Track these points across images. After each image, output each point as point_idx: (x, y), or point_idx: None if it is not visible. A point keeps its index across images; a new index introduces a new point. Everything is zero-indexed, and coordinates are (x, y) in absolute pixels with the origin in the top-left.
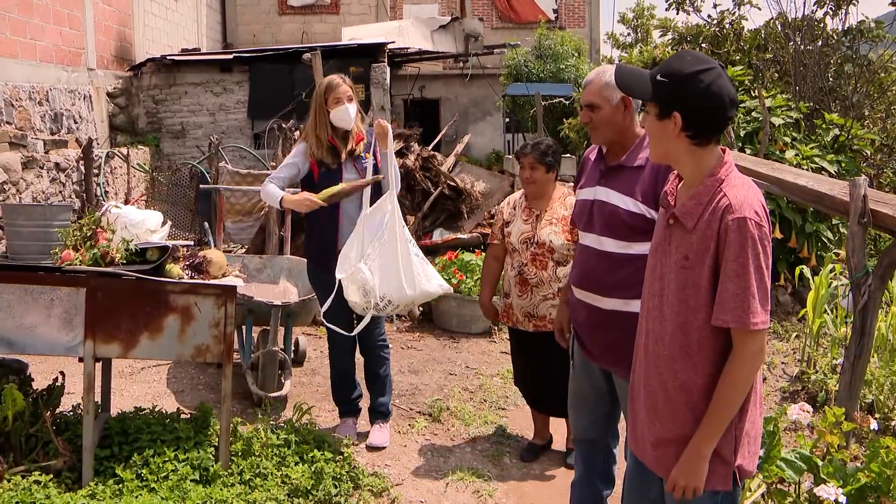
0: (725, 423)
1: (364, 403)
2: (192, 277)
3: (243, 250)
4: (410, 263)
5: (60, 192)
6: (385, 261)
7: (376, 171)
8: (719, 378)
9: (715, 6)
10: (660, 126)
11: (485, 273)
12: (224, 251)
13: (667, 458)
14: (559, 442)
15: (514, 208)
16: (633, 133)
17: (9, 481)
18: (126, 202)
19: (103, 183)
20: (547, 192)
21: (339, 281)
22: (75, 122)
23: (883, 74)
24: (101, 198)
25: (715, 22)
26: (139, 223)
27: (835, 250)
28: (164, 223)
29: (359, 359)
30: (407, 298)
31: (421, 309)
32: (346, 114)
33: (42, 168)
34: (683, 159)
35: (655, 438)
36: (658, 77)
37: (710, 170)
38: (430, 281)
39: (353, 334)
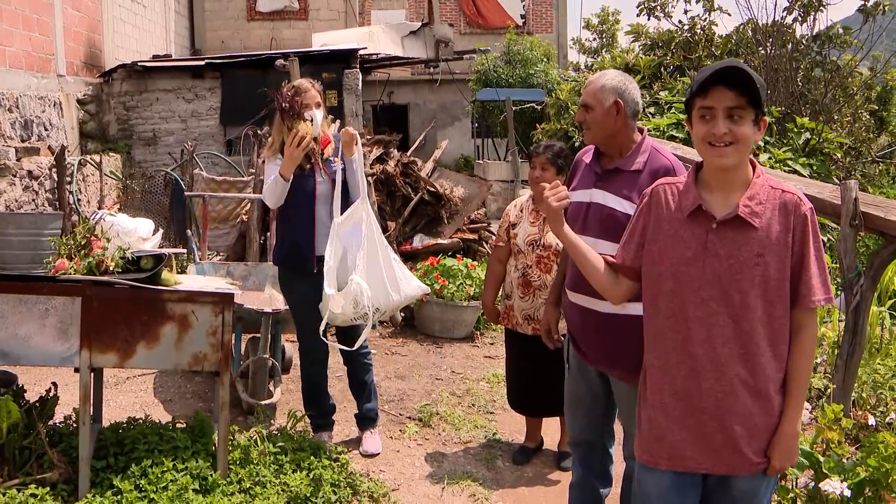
0: (805, 396)
1: (353, 411)
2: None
3: (217, 258)
4: (392, 268)
5: (34, 200)
6: (370, 269)
7: (343, 175)
8: (793, 356)
9: (685, 12)
10: (753, 131)
11: (488, 275)
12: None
13: (747, 455)
14: (550, 444)
15: (521, 210)
16: (629, 137)
17: (3, 495)
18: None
19: (76, 191)
20: None
21: (325, 294)
22: (45, 130)
23: (849, 79)
24: (74, 206)
25: (686, 28)
26: (131, 231)
27: None
28: (155, 231)
29: (337, 370)
30: (393, 303)
31: (403, 315)
32: (314, 118)
33: (15, 176)
34: (748, 163)
35: (739, 442)
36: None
37: (748, 172)
38: (410, 283)
39: (354, 349)
